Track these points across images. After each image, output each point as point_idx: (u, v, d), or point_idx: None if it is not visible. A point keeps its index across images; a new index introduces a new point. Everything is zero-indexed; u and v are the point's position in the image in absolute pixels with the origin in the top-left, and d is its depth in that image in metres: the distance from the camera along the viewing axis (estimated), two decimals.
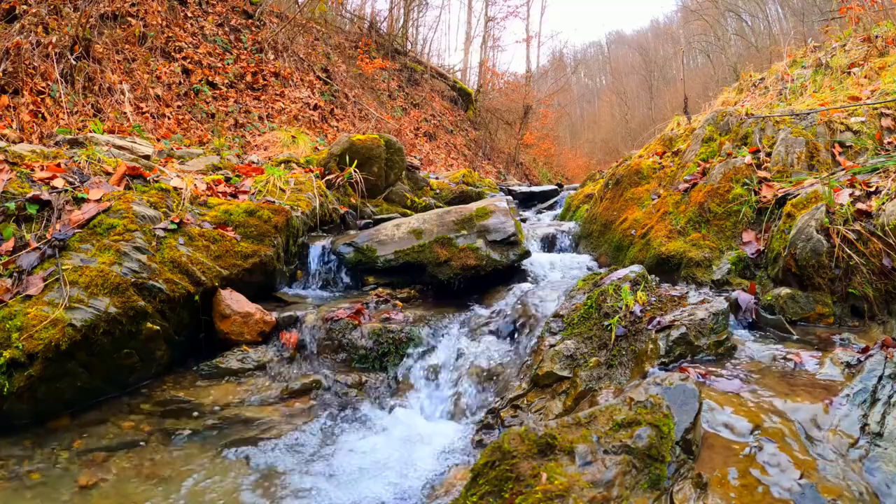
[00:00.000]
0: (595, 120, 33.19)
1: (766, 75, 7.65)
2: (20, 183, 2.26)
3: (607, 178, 4.15)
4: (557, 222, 4.56)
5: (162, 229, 2.31)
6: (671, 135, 4.25)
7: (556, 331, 2.11)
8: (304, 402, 2.12)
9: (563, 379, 1.91)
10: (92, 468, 1.68)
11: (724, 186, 2.77)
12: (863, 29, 6.33)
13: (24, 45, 4.92)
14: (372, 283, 2.98)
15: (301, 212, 3.11)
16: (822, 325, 2.10)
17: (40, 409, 1.84)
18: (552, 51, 32.14)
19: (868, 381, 1.43)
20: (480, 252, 2.93)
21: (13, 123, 4.51)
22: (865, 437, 1.30)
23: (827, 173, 2.61)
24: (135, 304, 2.02)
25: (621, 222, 3.39)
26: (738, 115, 3.32)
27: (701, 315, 1.87)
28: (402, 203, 4.38)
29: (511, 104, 17.95)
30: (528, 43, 21.13)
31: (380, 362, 2.31)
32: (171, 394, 2.07)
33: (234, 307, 2.33)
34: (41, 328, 1.78)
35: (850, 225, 2.14)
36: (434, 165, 11.35)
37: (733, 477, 1.18)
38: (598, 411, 1.22)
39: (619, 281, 2.20)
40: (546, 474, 1.08)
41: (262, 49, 8.83)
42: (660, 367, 1.77)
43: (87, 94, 5.39)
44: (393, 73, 13.79)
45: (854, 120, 2.94)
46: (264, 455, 1.80)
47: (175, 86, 6.75)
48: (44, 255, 2.01)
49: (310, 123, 8.53)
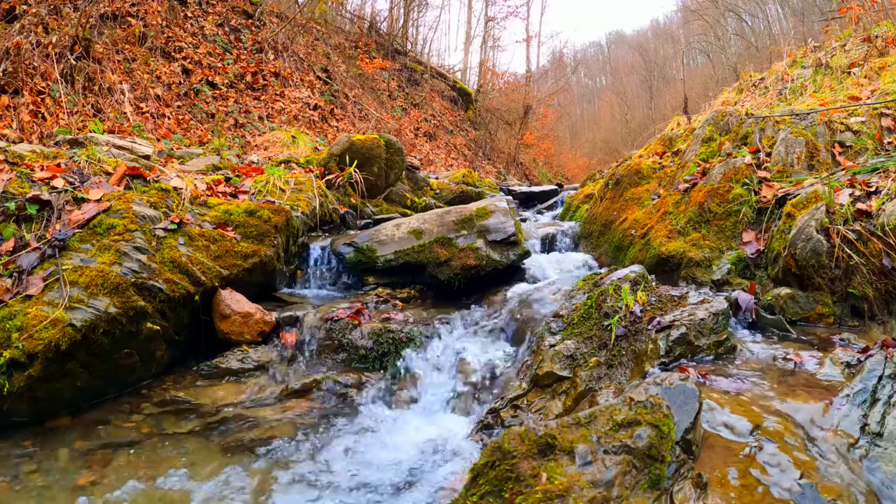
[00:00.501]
0: (595, 120, 33.20)
1: (766, 75, 7.65)
2: (20, 183, 2.26)
3: (607, 178, 4.15)
4: (557, 222, 4.56)
5: (162, 229, 2.31)
6: (671, 135, 4.25)
7: (556, 331, 2.11)
8: (303, 402, 2.12)
9: (563, 379, 1.91)
10: (92, 468, 1.68)
11: (724, 186, 2.77)
12: (863, 29, 6.34)
13: (24, 45, 4.92)
14: (372, 283, 2.98)
15: (301, 212, 3.11)
16: (822, 325, 2.10)
17: (40, 408, 1.84)
18: (552, 51, 32.16)
19: (868, 381, 1.43)
20: (480, 252, 2.93)
21: (13, 123, 4.51)
22: (865, 437, 1.30)
23: (827, 173, 2.61)
24: (135, 304, 2.02)
25: (621, 222, 3.39)
26: (738, 115, 3.32)
27: (701, 315, 1.87)
28: (402, 203, 4.38)
29: (511, 104, 17.95)
30: (528, 43, 21.15)
31: (380, 362, 2.31)
32: (171, 394, 2.07)
33: (234, 307, 2.33)
34: (41, 328, 1.78)
35: (850, 225, 2.14)
36: (434, 165, 11.35)
37: (733, 477, 1.18)
38: (598, 411, 1.22)
39: (619, 281, 2.20)
40: (546, 474, 1.08)
41: (262, 49, 8.83)
42: (660, 367, 1.77)
43: (87, 94, 5.39)
44: (393, 73, 13.79)
45: (854, 120, 2.94)
46: (264, 455, 1.80)
47: (175, 86, 6.75)
48: (44, 255, 2.01)
49: (310, 123, 8.53)
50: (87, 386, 1.94)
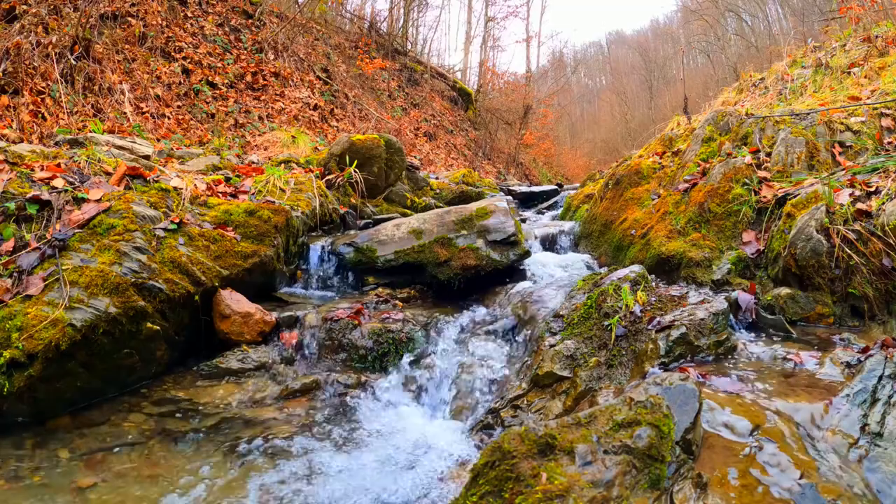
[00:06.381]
0: (595, 120, 33.20)
1: (766, 75, 7.65)
2: (20, 183, 2.26)
3: (607, 178, 4.15)
4: (557, 222, 4.56)
5: (162, 229, 2.31)
6: (671, 135, 4.24)
7: (556, 331, 2.11)
8: (303, 402, 2.12)
9: (563, 379, 1.91)
10: (92, 468, 1.68)
11: (724, 186, 2.77)
12: (863, 29, 6.34)
13: (24, 45, 4.92)
14: (372, 283, 2.98)
15: (301, 212, 3.11)
16: (822, 325, 2.10)
17: (40, 409, 1.84)
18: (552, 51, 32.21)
19: (868, 380, 1.43)
20: (480, 252, 2.93)
21: (13, 123, 4.51)
22: (865, 437, 1.30)
23: (827, 173, 2.61)
24: (135, 304, 2.02)
25: (621, 222, 3.39)
26: (738, 115, 3.32)
27: (701, 315, 1.87)
28: (402, 203, 4.38)
29: (511, 104, 17.95)
30: (528, 43, 21.15)
31: (379, 362, 2.31)
32: (171, 394, 2.07)
33: (234, 307, 2.33)
34: (41, 328, 1.78)
35: (850, 225, 2.14)
36: (434, 165, 11.35)
37: (733, 477, 1.18)
38: (598, 411, 1.22)
39: (619, 281, 2.20)
40: (546, 474, 1.08)
41: (262, 49, 8.83)
42: (660, 367, 1.77)
43: (87, 94, 5.39)
44: (393, 73, 13.79)
45: (854, 120, 2.94)
46: (264, 455, 1.80)
47: (175, 86, 6.75)
48: (44, 255, 2.01)
49: (310, 123, 8.53)
50: (87, 386, 1.94)
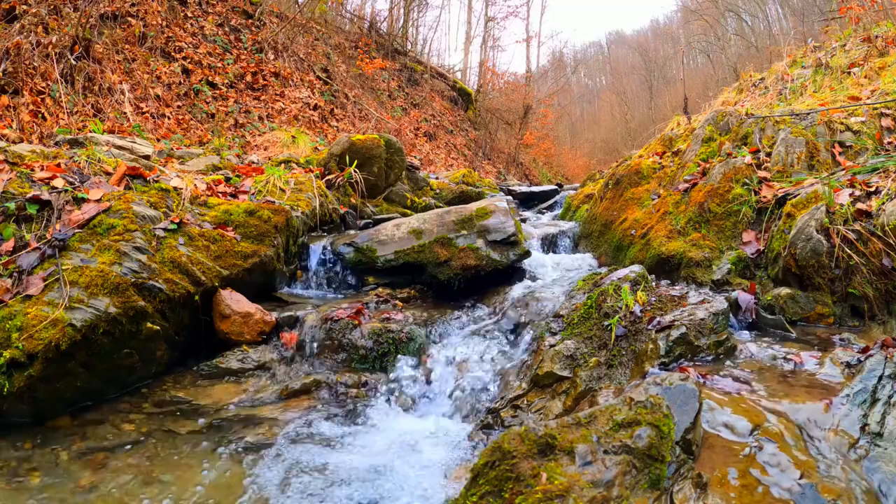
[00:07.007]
0: (595, 120, 33.20)
1: (766, 75, 7.65)
2: (20, 183, 2.26)
3: (607, 178, 4.15)
4: (557, 222, 4.56)
5: (162, 229, 2.31)
6: (671, 135, 4.24)
7: (556, 331, 2.11)
8: (303, 402, 2.12)
9: (563, 379, 1.91)
10: (92, 468, 1.68)
11: (724, 186, 2.77)
12: (863, 29, 6.34)
13: (24, 45, 4.92)
14: (372, 283, 2.98)
15: (301, 212, 3.11)
16: (822, 325, 2.10)
17: (40, 409, 1.84)
18: (552, 51, 32.23)
19: (868, 381, 1.43)
20: (480, 252, 2.93)
21: (13, 123, 4.51)
22: (865, 437, 1.30)
23: (827, 173, 2.61)
24: (135, 304, 2.02)
25: (621, 222, 3.39)
26: (738, 115, 3.32)
27: (701, 315, 1.87)
28: (402, 203, 4.38)
29: (511, 104, 17.95)
30: (528, 43, 21.17)
31: (380, 362, 2.31)
32: (171, 394, 2.07)
33: (234, 307, 2.33)
34: (41, 328, 1.78)
35: (850, 225, 2.14)
36: (434, 165, 11.35)
37: (733, 477, 1.18)
38: (598, 411, 1.22)
39: (619, 281, 2.20)
40: (546, 474, 1.08)
41: (262, 49, 8.83)
42: (660, 367, 1.77)
43: (87, 94, 5.39)
44: (393, 73, 13.79)
45: (854, 120, 2.94)
46: (264, 455, 1.80)
47: (175, 86, 6.75)
48: (44, 255, 2.01)
49: (310, 123, 8.53)
50: (87, 386, 1.94)
